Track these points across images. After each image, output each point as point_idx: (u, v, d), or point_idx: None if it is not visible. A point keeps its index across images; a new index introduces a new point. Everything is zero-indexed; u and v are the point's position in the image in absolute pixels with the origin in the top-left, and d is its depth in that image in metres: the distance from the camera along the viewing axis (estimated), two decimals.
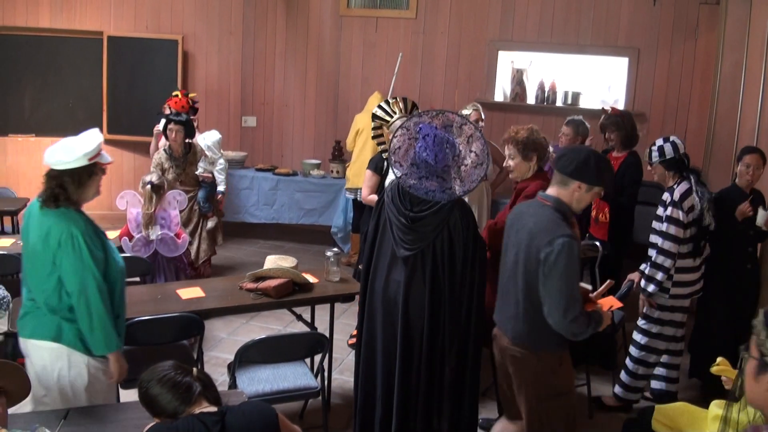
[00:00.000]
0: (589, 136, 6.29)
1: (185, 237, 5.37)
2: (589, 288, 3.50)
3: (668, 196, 4.57)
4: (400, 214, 3.59)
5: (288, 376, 4.15)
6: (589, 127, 6.27)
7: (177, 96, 6.74)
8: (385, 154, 5.36)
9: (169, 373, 2.55)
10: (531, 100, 8.36)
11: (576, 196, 3.27)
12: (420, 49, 8.53)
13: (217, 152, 6.51)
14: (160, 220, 5.22)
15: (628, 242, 5.82)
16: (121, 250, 5.21)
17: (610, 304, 3.38)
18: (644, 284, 4.61)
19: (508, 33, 8.21)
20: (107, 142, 7.82)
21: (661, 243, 4.55)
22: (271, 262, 4.73)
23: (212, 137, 6.49)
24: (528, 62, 8.42)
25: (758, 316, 1.75)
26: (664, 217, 4.57)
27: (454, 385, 3.65)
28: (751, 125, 5.92)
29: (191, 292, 4.43)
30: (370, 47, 8.71)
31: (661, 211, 4.61)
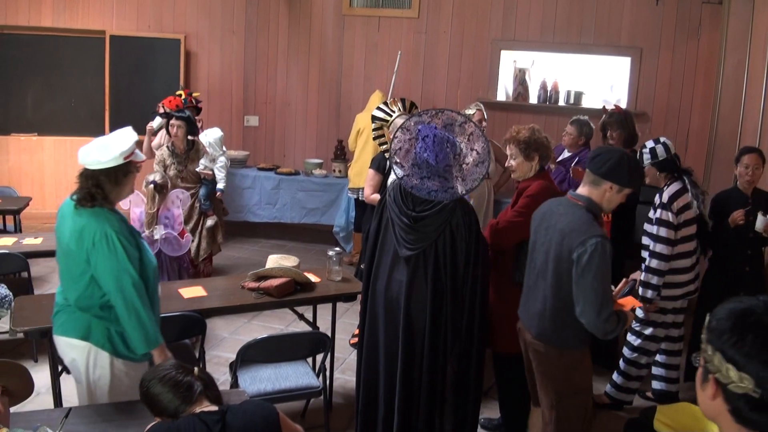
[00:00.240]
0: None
1: (188, 236, 5.37)
2: (612, 288, 3.53)
3: (658, 198, 4.56)
4: (402, 213, 3.58)
5: (290, 376, 4.15)
6: (594, 127, 6.26)
7: (180, 95, 6.75)
8: (387, 154, 5.36)
9: (170, 372, 2.55)
10: (533, 99, 8.35)
11: (607, 196, 3.34)
12: (422, 49, 8.53)
13: (219, 149, 6.51)
14: (164, 220, 5.21)
15: (630, 242, 5.80)
16: None
17: (632, 304, 3.43)
18: (642, 291, 4.58)
19: (511, 32, 8.20)
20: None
21: (653, 246, 4.54)
22: (273, 261, 4.74)
23: (214, 134, 6.49)
24: (530, 62, 8.41)
25: (705, 323, 1.68)
26: (655, 219, 4.55)
27: (456, 385, 3.65)
28: (754, 125, 5.91)
29: (193, 291, 4.43)
30: (373, 47, 8.71)
31: (652, 213, 4.60)
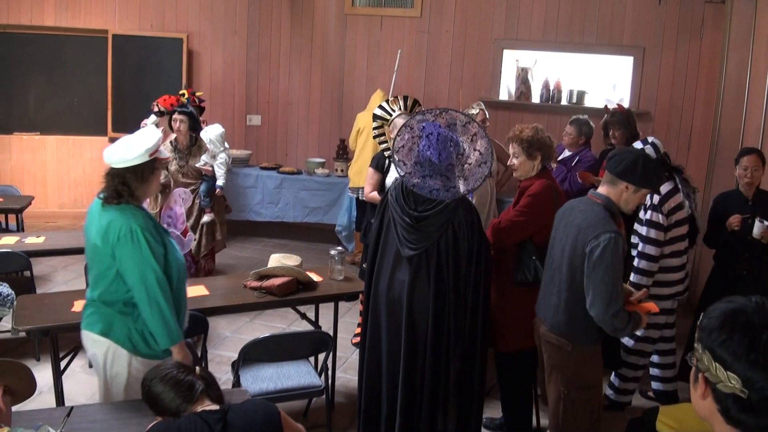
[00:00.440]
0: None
1: (191, 235, 5.37)
2: (632, 290, 3.60)
3: (649, 199, 4.55)
4: (404, 213, 3.58)
5: (292, 375, 4.15)
6: (593, 127, 6.26)
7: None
8: (387, 153, 5.36)
9: (172, 371, 2.55)
10: (536, 99, 8.35)
11: (624, 196, 3.43)
12: (425, 48, 8.52)
13: (219, 146, 6.50)
14: (167, 219, 5.22)
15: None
16: None
17: (648, 308, 3.48)
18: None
19: (513, 32, 8.20)
20: (111, 141, 7.83)
21: (642, 247, 4.52)
22: (276, 260, 4.74)
23: (215, 131, 6.48)
24: (533, 61, 8.40)
25: (699, 322, 1.68)
26: (645, 220, 4.54)
27: (459, 385, 3.64)
28: (757, 124, 5.90)
29: (196, 290, 4.42)
30: (375, 46, 8.71)
31: (642, 214, 4.58)
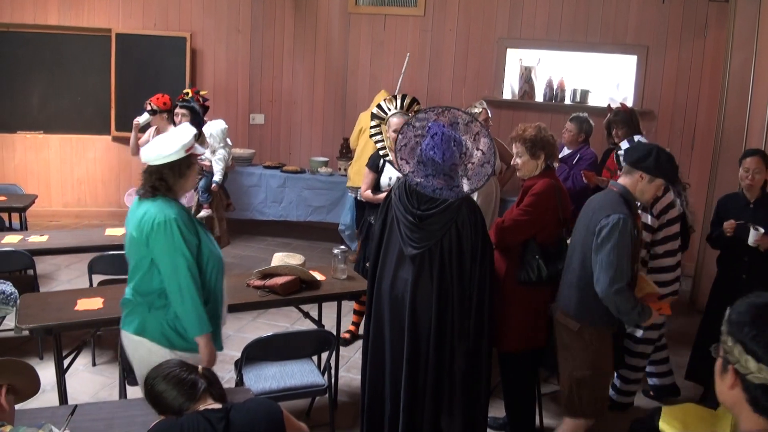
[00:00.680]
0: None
1: None
2: (659, 292, 3.80)
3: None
4: (407, 212, 3.57)
5: (295, 374, 4.15)
6: (593, 124, 6.25)
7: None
8: (382, 152, 5.36)
9: (174, 370, 2.55)
10: (539, 98, 8.35)
11: (639, 186, 3.60)
12: (428, 47, 8.51)
13: (220, 141, 6.44)
14: None
15: None
16: None
17: (660, 306, 3.68)
18: None
19: (517, 31, 8.19)
20: (114, 140, 7.84)
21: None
22: (279, 259, 4.73)
23: (217, 126, 6.44)
24: (536, 60, 8.40)
25: (725, 316, 1.74)
26: None
27: (464, 384, 3.64)
28: (760, 123, 5.89)
29: None
30: (378, 45, 8.70)
31: None
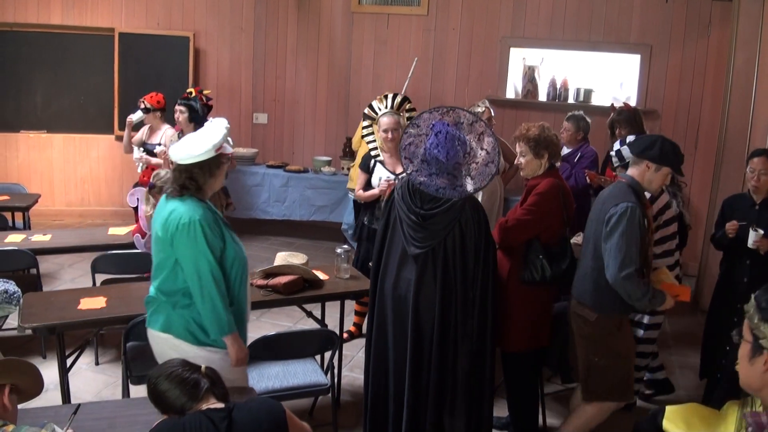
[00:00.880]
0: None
1: None
2: (675, 283, 3.89)
3: None
4: (410, 211, 3.57)
5: (298, 373, 4.14)
6: (590, 122, 6.25)
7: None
8: (374, 152, 5.35)
9: (177, 369, 2.54)
10: (543, 97, 8.34)
11: (647, 176, 3.72)
12: (431, 46, 8.51)
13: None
14: None
15: None
16: (133, 246, 5.22)
17: (678, 292, 3.77)
18: None
19: (520, 30, 8.18)
20: (118, 139, 7.83)
21: None
22: (282, 258, 4.73)
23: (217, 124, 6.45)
24: (540, 59, 8.39)
25: (750, 300, 1.77)
26: None
27: (468, 384, 3.64)
28: (764, 122, 5.88)
29: None
30: (382, 44, 8.70)
31: None
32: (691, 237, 7.22)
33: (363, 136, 5.36)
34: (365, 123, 5.30)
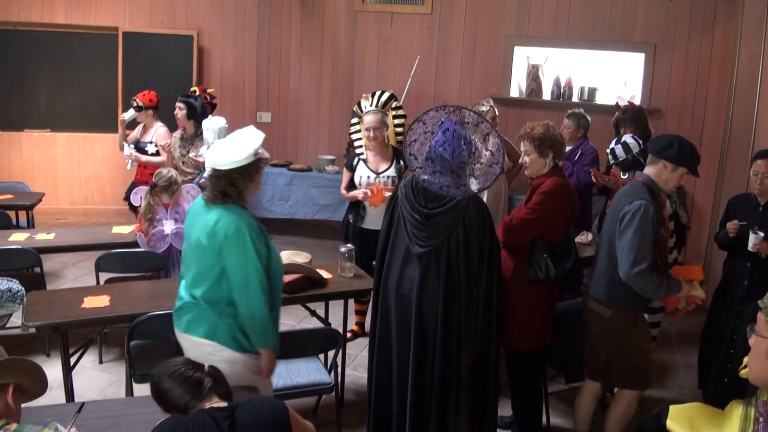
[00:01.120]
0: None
1: None
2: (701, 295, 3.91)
3: None
4: (414, 210, 3.56)
5: (301, 372, 4.14)
6: (590, 119, 6.23)
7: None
8: (358, 150, 5.35)
9: (180, 368, 2.54)
10: (547, 95, 8.32)
11: (664, 175, 3.76)
12: (435, 45, 8.50)
13: (214, 137, 6.36)
14: (174, 215, 5.21)
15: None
16: (137, 245, 5.22)
17: (689, 273, 3.86)
18: None
19: (524, 28, 8.17)
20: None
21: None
22: (286, 257, 4.73)
23: (216, 123, 6.39)
24: (544, 58, 8.38)
25: (766, 296, 1.74)
26: None
27: (472, 383, 3.63)
28: None
29: None
30: (385, 43, 8.69)
31: None
32: (694, 236, 7.22)
33: (351, 134, 5.36)
34: (353, 120, 5.30)
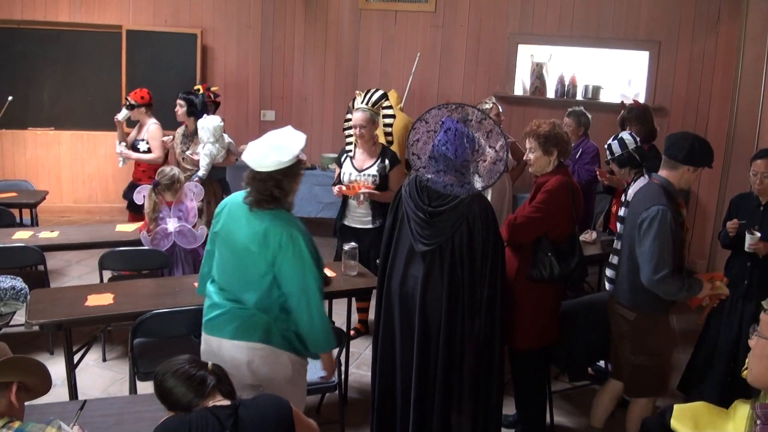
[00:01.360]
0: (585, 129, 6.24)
1: (203, 228, 5.35)
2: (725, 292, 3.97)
3: (623, 196, 4.51)
4: (418, 208, 3.56)
5: None
6: (590, 117, 6.22)
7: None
8: (348, 147, 5.34)
9: (184, 366, 2.54)
10: (551, 94, 8.31)
11: (685, 177, 3.78)
12: (439, 43, 8.48)
13: (210, 136, 6.36)
14: (177, 212, 5.21)
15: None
16: (140, 243, 5.22)
17: (715, 276, 3.94)
18: (607, 286, 4.54)
19: (528, 26, 8.15)
20: (125, 136, 7.84)
21: (616, 243, 4.41)
22: None
23: (210, 122, 6.39)
24: (548, 56, 8.36)
25: None
26: (619, 217, 4.49)
27: (474, 382, 3.62)
28: None
29: None
30: (389, 41, 8.67)
31: (621, 211, 4.52)
32: (698, 235, 7.22)
33: (344, 129, 5.35)
34: (347, 116, 5.29)
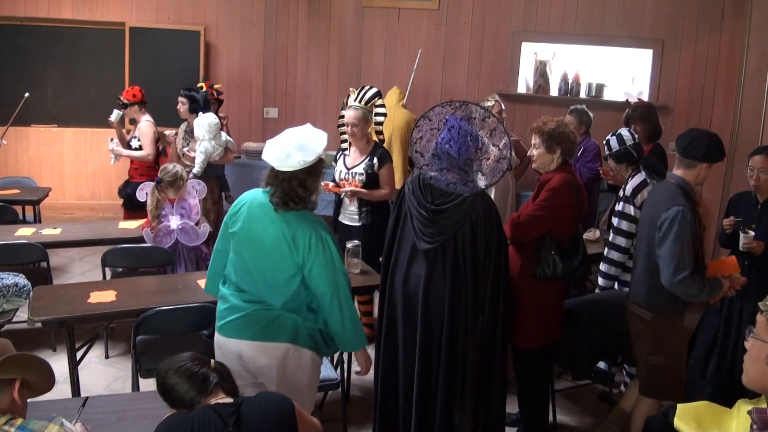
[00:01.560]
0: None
1: (206, 225, 5.35)
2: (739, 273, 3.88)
3: (622, 191, 4.49)
4: (420, 206, 3.55)
5: None
6: (592, 115, 6.21)
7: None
8: (343, 145, 5.33)
9: (186, 363, 2.53)
10: (554, 92, 8.30)
11: (702, 174, 3.78)
12: (442, 41, 8.48)
13: (205, 134, 6.34)
14: (180, 210, 5.21)
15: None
16: (143, 240, 5.22)
17: (730, 271, 3.81)
18: (601, 281, 4.57)
19: (532, 24, 8.14)
20: (127, 133, 7.86)
21: (612, 238, 4.45)
22: None
23: (206, 119, 6.37)
24: (551, 54, 8.35)
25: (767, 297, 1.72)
26: (618, 212, 4.48)
27: (477, 380, 3.62)
28: None
29: None
30: (393, 38, 8.67)
31: (618, 206, 4.51)
32: None
33: (339, 126, 5.34)
34: (341, 113, 5.29)
